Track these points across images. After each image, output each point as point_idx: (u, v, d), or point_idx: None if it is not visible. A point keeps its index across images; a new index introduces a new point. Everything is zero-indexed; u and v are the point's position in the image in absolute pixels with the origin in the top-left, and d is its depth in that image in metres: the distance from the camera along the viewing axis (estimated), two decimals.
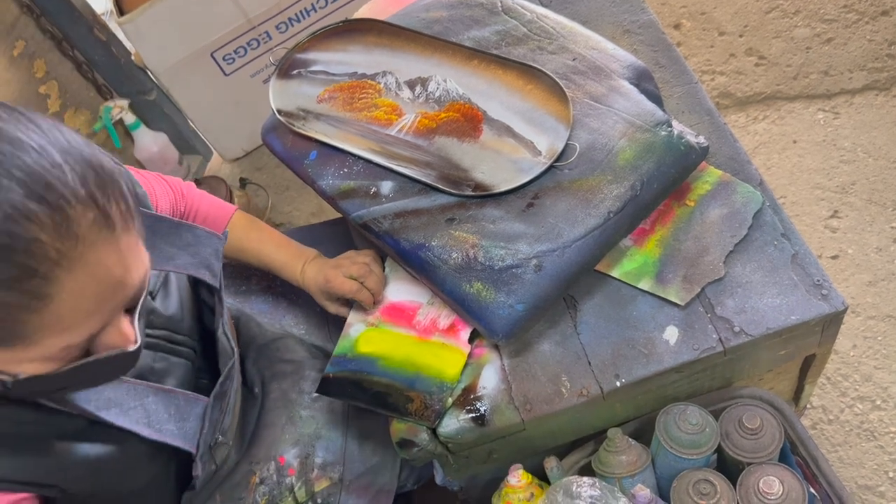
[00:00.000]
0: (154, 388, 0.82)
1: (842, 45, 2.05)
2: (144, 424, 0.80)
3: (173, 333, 0.90)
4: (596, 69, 1.11)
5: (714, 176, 1.07)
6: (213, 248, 0.93)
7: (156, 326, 0.88)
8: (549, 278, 0.95)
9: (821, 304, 0.94)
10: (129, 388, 0.81)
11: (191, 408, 0.85)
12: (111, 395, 0.78)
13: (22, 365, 0.63)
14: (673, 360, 0.94)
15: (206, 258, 0.92)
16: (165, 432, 0.81)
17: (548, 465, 0.98)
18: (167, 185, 1.11)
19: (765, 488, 0.89)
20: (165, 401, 0.83)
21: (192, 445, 0.84)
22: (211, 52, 2.11)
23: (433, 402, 0.95)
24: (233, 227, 1.15)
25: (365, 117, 1.14)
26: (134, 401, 0.80)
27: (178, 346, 0.90)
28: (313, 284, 1.11)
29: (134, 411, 0.79)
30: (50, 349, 0.62)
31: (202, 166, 2.45)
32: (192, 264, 0.90)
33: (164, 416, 0.82)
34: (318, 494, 1.06)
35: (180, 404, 0.84)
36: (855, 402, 1.53)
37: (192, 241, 0.91)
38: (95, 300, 0.62)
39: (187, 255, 0.89)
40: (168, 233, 0.89)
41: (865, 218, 1.76)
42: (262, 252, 1.15)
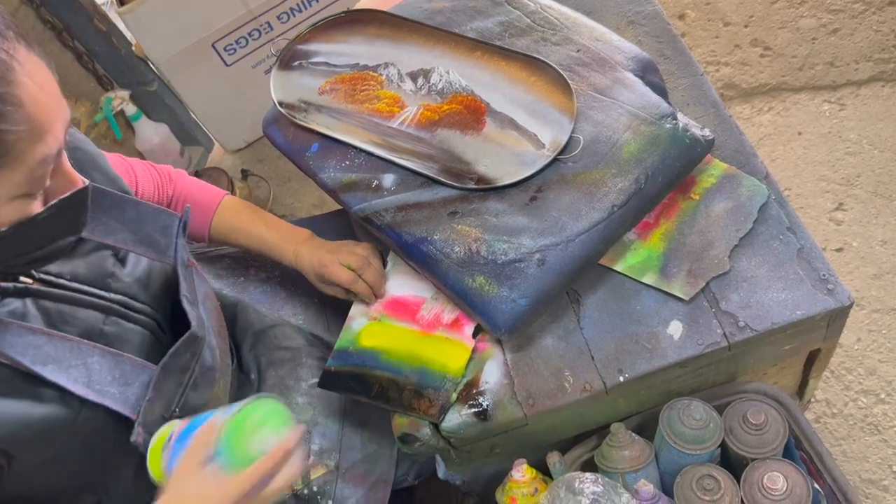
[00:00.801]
0: (101, 349, 0.81)
1: (848, 36, 2.03)
2: (83, 384, 0.78)
3: (131, 300, 0.89)
4: (600, 61, 1.09)
5: (719, 169, 1.06)
6: (159, 224, 0.92)
7: (112, 290, 0.87)
8: (553, 273, 0.95)
9: (826, 298, 0.93)
10: (73, 347, 0.79)
11: (137, 374, 0.83)
12: (51, 352, 0.77)
13: (4, 208, 0.68)
14: (677, 356, 0.93)
15: (149, 234, 0.91)
16: (106, 395, 0.79)
17: (550, 460, 0.97)
18: (153, 170, 1.11)
19: (769, 484, 0.89)
20: (111, 363, 0.81)
21: (133, 412, 0.81)
22: (212, 43, 2.09)
23: (437, 398, 0.95)
24: (224, 209, 1.14)
25: (367, 109, 1.13)
26: (76, 359, 0.79)
27: (134, 312, 0.89)
28: (308, 266, 1.10)
29: (74, 370, 0.78)
30: (28, 167, 0.67)
31: (204, 157, 2.44)
32: (133, 241, 0.90)
33: (107, 378, 0.80)
34: (314, 482, 1.05)
35: (126, 369, 0.82)
36: (859, 396, 1.52)
37: (135, 217, 0.91)
38: (50, 108, 0.68)
39: (128, 232, 0.90)
40: (110, 207, 0.89)
41: (871, 210, 1.74)
42: (254, 232, 1.13)
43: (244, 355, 1.13)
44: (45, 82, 0.68)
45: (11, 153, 0.65)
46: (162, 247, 0.92)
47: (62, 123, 0.70)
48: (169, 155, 2.28)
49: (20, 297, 0.79)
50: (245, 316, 1.17)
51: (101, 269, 0.87)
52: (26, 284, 0.80)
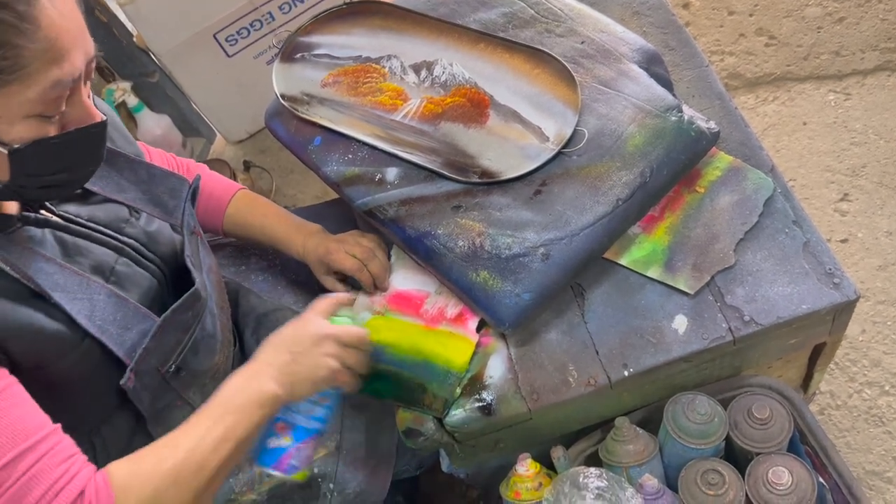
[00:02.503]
0: (108, 289, 0.84)
1: (854, 25, 2.02)
2: (85, 317, 0.81)
3: (143, 248, 0.92)
4: (605, 52, 1.08)
5: (724, 162, 1.05)
6: (168, 187, 0.96)
7: (127, 234, 0.91)
8: (557, 267, 0.94)
9: (832, 292, 0.93)
10: (82, 281, 0.82)
11: (138, 321, 0.85)
12: (60, 281, 0.80)
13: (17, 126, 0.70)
14: (682, 350, 0.93)
15: (159, 195, 0.95)
16: (105, 333, 0.82)
17: (554, 454, 0.97)
18: (172, 159, 1.15)
19: (774, 479, 0.89)
20: (115, 305, 0.84)
21: (128, 356, 0.83)
22: (213, 34, 2.08)
23: (441, 392, 0.94)
24: (237, 202, 1.16)
25: (369, 102, 1.12)
26: (82, 293, 0.82)
27: (145, 259, 0.92)
28: (313, 254, 1.11)
29: (79, 302, 0.81)
30: (42, 86, 0.69)
31: (206, 149, 2.43)
32: (142, 200, 0.94)
33: (108, 317, 0.83)
34: (315, 464, 1.06)
35: (128, 313, 0.85)
36: (863, 388, 1.52)
37: (146, 178, 0.95)
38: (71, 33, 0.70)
39: (137, 191, 0.94)
40: (123, 167, 0.94)
41: (876, 201, 1.73)
42: (266, 225, 1.15)
43: (246, 339, 1.14)
44: (68, 10, 0.70)
45: (26, 69, 0.67)
46: (170, 208, 0.96)
47: (82, 53, 0.72)
48: (171, 146, 2.27)
49: (40, 226, 0.83)
50: (247, 301, 1.18)
51: (117, 215, 0.91)
52: (46, 216, 0.84)
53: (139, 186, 0.94)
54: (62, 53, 0.69)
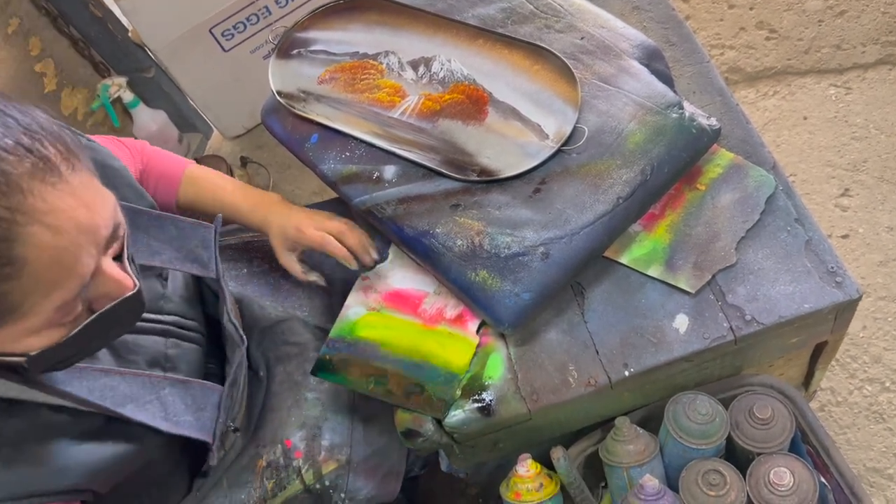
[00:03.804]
0: (170, 379, 0.82)
1: (855, 18, 2.00)
2: (161, 418, 0.79)
3: (183, 319, 0.89)
4: (605, 48, 1.07)
5: (726, 159, 1.04)
6: (199, 239, 0.91)
7: (166, 312, 0.87)
8: (557, 266, 0.93)
9: (835, 291, 0.92)
10: (145, 382, 0.80)
11: (207, 397, 0.84)
12: (126, 391, 0.77)
13: (27, 340, 0.63)
14: (683, 350, 0.92)
15: (193, 250, 0.90)
16: (183, 424, 0.81)
17: (554, 455, 0.96)
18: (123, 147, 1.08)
19: (775, 479, 0.88)
20: (182, 392, 0.82)
21: (209, 435, 0.83)
22: (209, 28, 2.06)
23: (440, 393, 0.94)
24: (190, 176, 1.10)
25: (367, 99, 1.11)
26: (150, 394, 0.79)
27: (188, 331, 0.89)
28: (277, 227, 1.03)
29: (150, 405, 0.79)
30: (45, 314, 0.61)
31: (202, 144, 2.42)
32: (178, 258, 0.88)
33: (180, 407, 0.81)
34: (326, 477, 1.05)
35: (196, 394, 0.84)
36: (864, 384, 1.52)
37: (176, 234, 0.89)
38: (70, 249, 0.61)
39: (172, 250, 0.88)
40: (149, 226, 0.87)
41: (877, 196, 1.73)
42: (219, 196, 1.08)
43: (252, 352, 1.12)
44: (65, 216, 0.60)
45: (20, 308, 0.60)
46: (205, 261, 0.91)
47: (94, 246, 0.64)
48: (167, 142, 2.26)
49: None
50: (250, 312, 1.16)
51: (153, 292, 0.85)
52: None
53: (172, 245, 0.88)
54: (62, 277, 0.61)
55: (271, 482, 1.03)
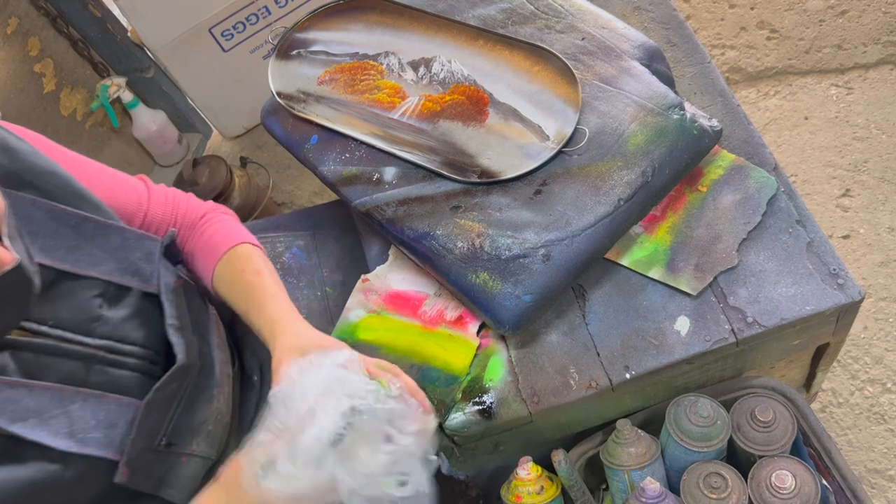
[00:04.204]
0: (83, 393, 0.76)
1: (856, 18, 2.00)
2: (65, 435, 0.73)
3: (118, 343, 0.82)
4: (606, 49, 1.07)
5: (727, 160, 1.03)
6: (143, 251, 0.86)
7: (96, 335, 0.80)
8: (558, 268, 0.93)
9: (837, 293, 0.91)
10: (54, 395, 0.74)
11: (122, 413, 0.78)
12: (30, 405, 0.72)
13: None
14: (684, 352, 0.92)
15: (135, 262, 0.85)
16: (89, 442, 0.75)
17: (555, 457, 0.96)
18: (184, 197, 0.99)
19: (777, 482, 0.88)
20: (94, 406, 0.77)
21: (118, 453, 0.77)
22: (209, 28, 2.06)
23: (441, 395, 0.93)
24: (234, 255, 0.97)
25: (367, 100, 1.11)
26: (56, 408, 0.74)
27: (122, 356, 0.82)
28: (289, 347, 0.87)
29: (55, 420, 0.73)
30: None
31: (202, 144, 2.41)
32: (118, 270, 0.83)
33: (90, 423, 0.76)
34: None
35: (111, 409, 0.78)
36: (865, 385, 1.51)
37: (120, 244, 0.84)
38: None
39: (114, 261, 0.83)
40: (95, 235, 0.83)
41: (878, 197, 1.72)
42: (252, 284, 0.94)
43: (246, 358, 1.11)
44: None
45: None
46: (146, 274, 0.86)
47: None
48: (167, 142, 2.25)
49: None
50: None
51: (87, 312, 0.80)
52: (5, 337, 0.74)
53: (114, 255, 0.83)
54: None
55: None
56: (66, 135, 2.01)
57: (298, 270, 1.22)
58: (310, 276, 1.21)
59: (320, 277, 1.22)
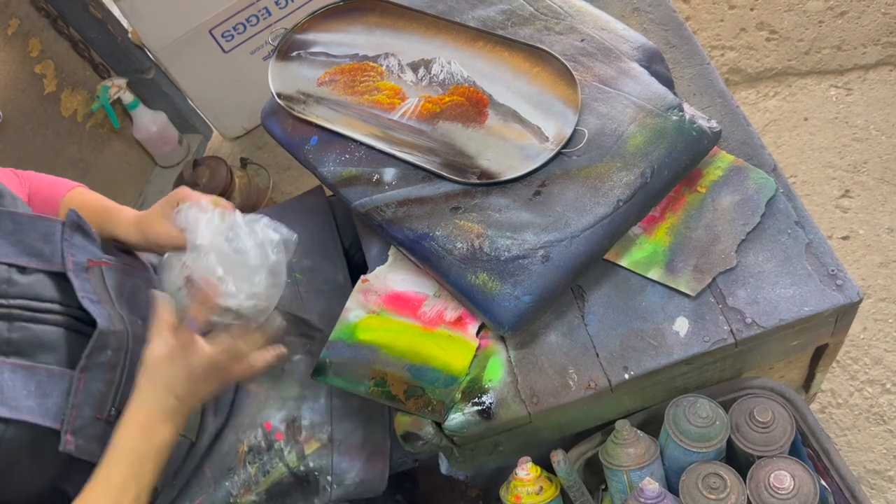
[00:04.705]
0: (10, 364, 0.79)
1: (855, 19, 2.00)
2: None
3: (33, 301, 0.85)
4: (605, 50, 1.07)
5: (726, 161, 1.04)
6: (39, 232, 0.89)
7: (10, 296, 0.84)
8: (557, 269, 0.93)
9: (835, 294, 0.92)
10: None
11: (55, 383, 0.81)
12: None
13: None
14: (683, 353, 0.92)
15: (32, 244, 0.88)
16: (23, 410, 0.77)
17: (554, 458, 0.96)
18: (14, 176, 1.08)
19: (776, 483, 0.88)
20: (24, 377, 0.79)
21: (56, 421, 0.79)
22: (209, 29, 2.06)
23: (440, 396, 0.93)
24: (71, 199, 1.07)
25: (367, 101, 1.11)
26: None
27: (41, 313, 0.85)
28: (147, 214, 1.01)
29: None
30: None
31: (202, 145, 2.42)
32: (15, 252, 0.87)
33: (21, 392, 0.78)
34: (310, 458, 1.05)
35: (42, 379, 0.80)
36: (864, 386, 1.51)
37: (13, 228, 0.88)
38: None
39: (7, 245, 0.87)
40: None
41: (878, 197, 1.72)
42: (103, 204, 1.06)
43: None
44: None
45: None
46: (47, 255, 0.89)
47: None
48: (167, 143, 2.26)
49: None
50: None
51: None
52: None
53: (8, 239, 0.87)
54: None
55: (254, 467, 1.03)
56: (66, 136, 2.02)
57: None
58: None
59: (289, 264, 1.24)
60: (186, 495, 1.01)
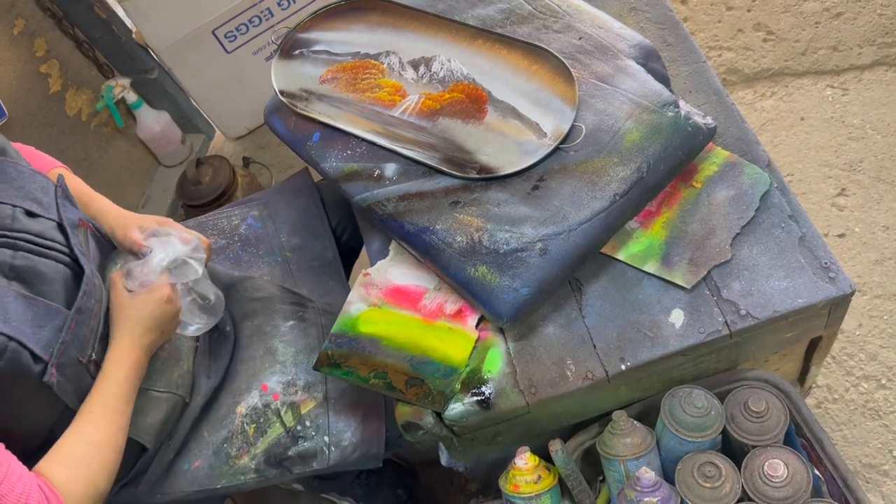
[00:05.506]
0: (15, 291, 0.85)
1: (851, 20, 2.02)
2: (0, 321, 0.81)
3: (37, 237, 0.92)
4: (602, 48, 1.09)
5: (721, 157, 1.05)
6: (38, 185, 0.97)
7: (14, 230, 0.91)
8: (555, 262, 0.95)
9: (828, 286, 0.93)
10: None
11: (50, 317, 0.87)
12: None
13: None
14: (679, 344, 0.94)
15: (32, 192, 0.96)
16: (21, 333, 0.83)
17: (552, 447, 0.98)
18: None
19: (770, 471, 0.89)
20: (25, 305, 0.85)
21: (46, 353, 0.85)
22: (212, 30, 2.08)
23: (440, 386, 0.95)
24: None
25: (368, 98, 1.13)
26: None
27: (45, 248, 0.92)
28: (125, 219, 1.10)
29: None
30: None
31: (205, 145, 2.44)
32: (18, 196, 0.94)
33: (21, 317, 0.84)
34: (306, 416, 1.09)
35: (39, 312, 0.86)
36: (860, 381, 1.53)
37: (16, 175, 0.95)
38: None
39: (13, 189, 0.94)
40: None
41: (873, 196, 1.74)
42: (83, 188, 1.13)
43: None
44: None
45: None
46: (45, 204, 0.96)
47: None
48: (170, 143, 2.28)
49: None
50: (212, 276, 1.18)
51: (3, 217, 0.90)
52: None
53: (12, 185, 0.94)
54: None
55: (252, 427, 1.07)
56: (70, 135, 2.04)
57: (256, 240, 1.28)
58: (268, 244, 1.28)
59: (278, 244, 1.29)
60: (185, 458, 1.06)
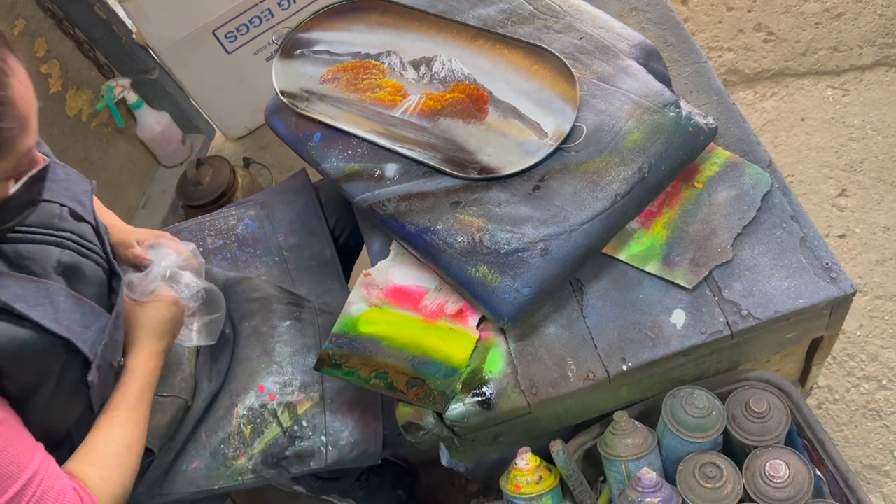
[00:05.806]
0: (65, 291, 0.87)
1: (852, 21, 2.02)
2: (52, 320, 0.83)
3: (79, 237, 0.95)
4: (603, 49, 1.09)
5: (722, 157, 1.05)
6: (82, 188, 1.01)
7: (61, 228, 0.93)
8: (556, 262, 0.95)
9: (829, 287, 0.93)
10: (40, 287, 0.84)
11: (94, 318, 0.89)
12: (19, 292, 0.82)
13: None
14: (680, 344, 0.94)
15: (77, 194, 1.00)
16: (72, 333, 0.85)
17: (553, 448, 0.98)
18: None
19: (771, 472, 0.89)
20: (74, 304, 0.87)
21: (91, 353, 0.87)
22: (213, 30, 2.08)
23: (441, 387, 0.95)
24: None
25: (369, 98, 1.13)
26: (43, 298, 0.84)
27: (86, 249, 0.95)
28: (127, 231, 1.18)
29: (42, 308, 0.83)
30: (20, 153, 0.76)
31: (205, 145, 2.43)
32: (66, 196, 0.97)
33: (71, 317, 0.86)
34: (303, 416, 1.10)
35: (86, 312, 0.88)
36: (861, 382, 1.53)
37: (64, 177, 0.99)
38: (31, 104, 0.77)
39: (61, 189, 0.97)
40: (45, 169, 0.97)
41: (874, 196, 1.74)
42: None
43: None
44: (25, 80, 0.76)
45: (5, 147, 0.74)
46: (87, 206, 1.00)
47: (36, 115, 0.79)
48: (171, 143, 2.28)
49: None
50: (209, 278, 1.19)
51: (48, 213, 0.93)
52: None
53: (61, 185, 0.97)
54: (30, 123, 0.76)
55: (248, 427, 1.09)
56: (71, 135, 2.04)
57: (253, 240, 1.29)
58: (265, 244, 1.29)
59: (276, 243, 1.30)
60: (183, 459, 1.07)
